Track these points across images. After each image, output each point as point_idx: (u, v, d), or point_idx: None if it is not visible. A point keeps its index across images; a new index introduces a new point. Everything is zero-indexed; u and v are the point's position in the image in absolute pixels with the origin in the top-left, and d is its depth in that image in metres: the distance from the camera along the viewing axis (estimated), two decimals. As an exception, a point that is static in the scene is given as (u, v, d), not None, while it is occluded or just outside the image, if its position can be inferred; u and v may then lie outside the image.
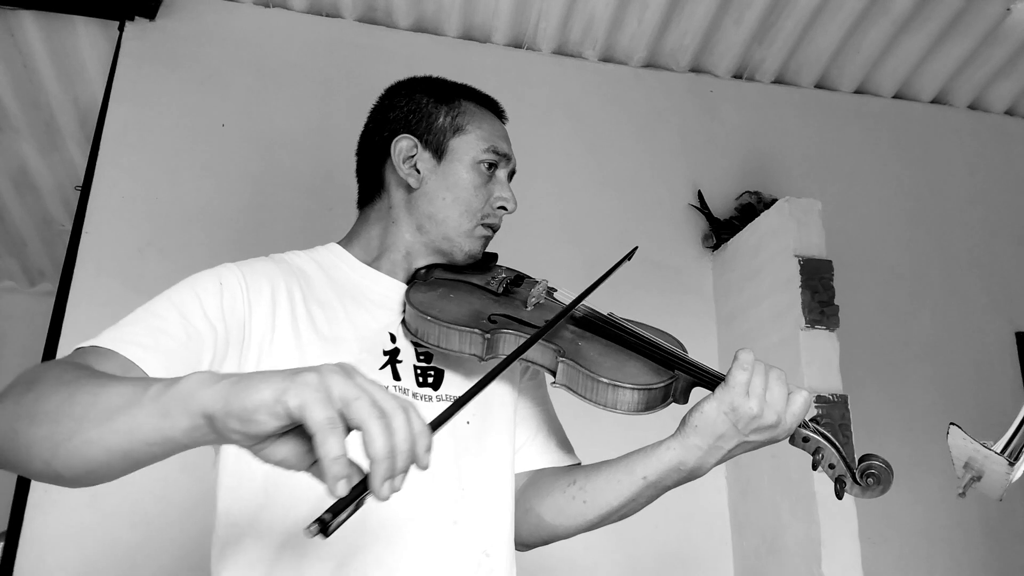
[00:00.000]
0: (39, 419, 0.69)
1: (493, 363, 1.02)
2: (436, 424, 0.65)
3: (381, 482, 0.58)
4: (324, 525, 0.57)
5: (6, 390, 0.75)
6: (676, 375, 0.96)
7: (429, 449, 0.61)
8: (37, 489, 1.96)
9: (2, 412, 0.72)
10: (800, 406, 0.92)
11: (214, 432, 0.62)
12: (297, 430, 0.61)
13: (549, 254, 2.40)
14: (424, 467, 0.60)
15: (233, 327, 0.94)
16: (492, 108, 1.16)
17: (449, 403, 1.01)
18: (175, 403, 0.63)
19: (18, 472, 0.73)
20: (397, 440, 0.59)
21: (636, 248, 1.17)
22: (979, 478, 0.90)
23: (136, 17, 2.40)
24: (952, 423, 0.93)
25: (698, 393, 0.98)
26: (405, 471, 0.59)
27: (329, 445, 0.57)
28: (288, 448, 0.62)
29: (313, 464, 0.62)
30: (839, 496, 0.93)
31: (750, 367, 0.91)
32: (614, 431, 1.45)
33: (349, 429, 0.59)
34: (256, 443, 0.62)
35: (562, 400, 1.08)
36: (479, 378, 1.05)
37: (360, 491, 0.58)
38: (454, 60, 2.56)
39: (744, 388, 0.90)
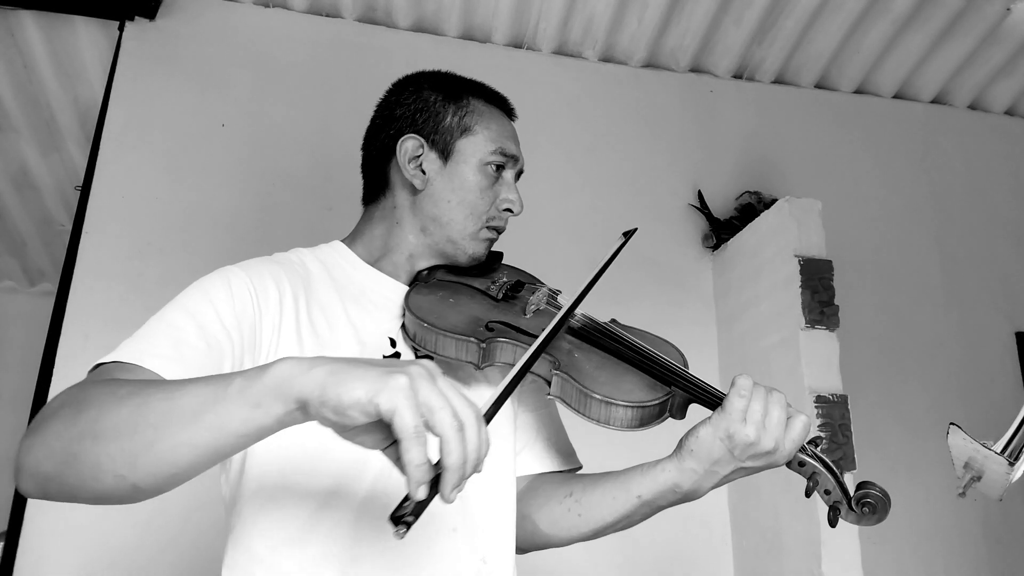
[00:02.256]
0: (107, 435, 0.68)
1: (490, 371, 1.01)
2: (489, 417, 0.70)
3: (451, 489, 0.62)
4: (410, 527, 0.62)
5: (46, 416, 0.73)
6: (672, 391, 0.93)
7: (487, 455, 0.65)
8: (37, 489, 1.95)
9: (55, 437, 0.71)
10: (799, 432, 0.89)
11: (306, 416, 0.65)
12: (377, 423, 0.64)
13: (549, 254, 2.39)
14: (481, 472, 0.65)
15: (247, 332, 0.93)
16: (501, 106, 1.13)
17: None
18: (267, 392, 0.65)
19: (75, 496, 0.72)
20: (469, 451, 0.62)
21: (636, 229, 1.13)
22: (979, 478, 0.90)
23: (136, 17, 2.40)
24: (952, 423, 0.93)
25: (696, 408, 0.95)
26: (470, 476, 0.63)
27: (414, 453, 0.60)
28: (370, 436, 0.66)
29: (388, 447, 0.66)
30: (832, 524, 0.90)
31: (748, 394, 0.88)
32: (618, 435, 1.44)
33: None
34: (341, 429, 0.65)
35: (559, 406, 1.07)
36: (477, 385, 1.06)
37: (433, 495, 0.63)
38: (454, 60, 2.54)
39: (741, 415, 0.88)
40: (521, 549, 1.11)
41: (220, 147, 2.37)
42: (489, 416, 0.70)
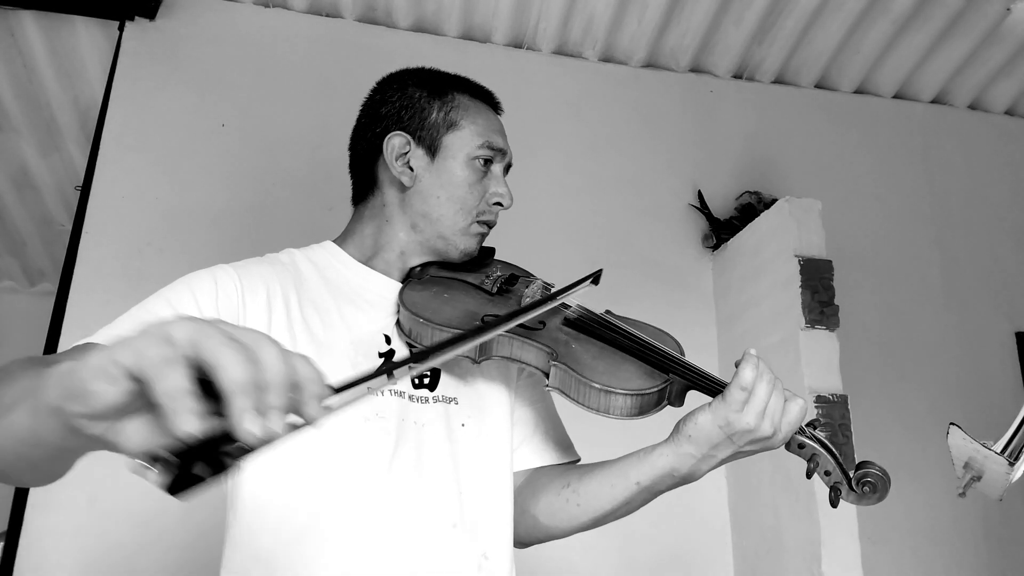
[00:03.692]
0: None
1: (486, 364, 1.01)
2: (351, 384, 0.54)
3: (241, 414, 0.45)
4: (169, 467, 0.44)
5: None
6: (671, 379, 0.94)
7: (320, 399, 0.49)
8: (37, 489, 1.96)
9: None
10: (796, 415, 0.90)
11: (71, 431, 0.50)
12: (144, 411, 0.49)
13: (549, 254, 2.40)
14: (312, 419, 0.48)
15: None
16: (487, 100, 1.13)
17: (445, 403, 1.01)
18: (40, 405, 0.53)
19: None
20: (266, 372, 0.46)
21: (601, 271, 1.10)
22: (979, 478, 0.90)
23: (136, 17, 2.40)
24: (952, 423, 0.93)
25: (694, 394, 0.96)
26: (281, 410, 0.47)
27: (164, 382, 0.45)
28: (136, 425, 0.49)
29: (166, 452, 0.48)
30: (834, 504, 0.92)
31: (750, 387, 0.88)
32: (615, 426, 1.44)
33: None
34: (106, 427, 0.49)
35: (559, 397, 1.07)
36: (474, 379, 1.06)
37: (223, 444, 0.45)
38: (454, 60, 2.54)
39: (741, 405, 0.88)
40: (521, 543, 1.11)
41: (220, 147, 2.37)
42: (347, 386, 0.54)
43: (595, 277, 1.04)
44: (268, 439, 0.45)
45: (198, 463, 0.44)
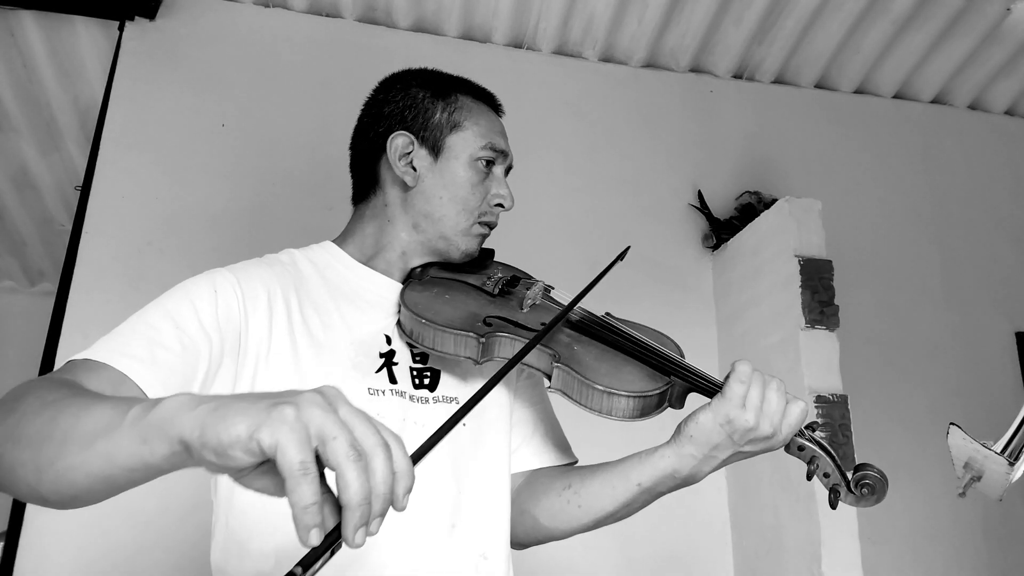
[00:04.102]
0: (23, 442, 0.67)
1: (488, 365, 1.02)
2: (420, 454, 0.61)
3: (354, 530, 0.53)
4: None
5: None
6: (672, 381, 0.95)
7: (409, 491, 0.56)
8: (37, 489, 1.96)
9: None
10: (796, 417, 0.91)
11: (192, 459, 0.58)
12: (272, 467, 0.56)
13: (549, 254, 2.40)
14: (401, 510, 0.56)
15: (229, 336, 0.92)
16: (489, 102, 1.14)
17: (446, 403, 1.01)
18: (153, 429, 0.59)
19: (8, 493, 0.71)
20: (375, 483, 0.54)
21: (628, 248, 1.15)
22: (979, 478, 0.90)
23: (136, 17, 2.40)
24: (952, 423, 0.93)
25: (694, 397, 0.97)
26: (382, 515, 0.55)
27: (299, 493, 0.52)
28: (266, 480, 0.57)
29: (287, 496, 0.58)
30: (833, 506, 0.93)
31: (747, 380, 0.90)
32: (614, 429, 1.44)
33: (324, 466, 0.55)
34: (233, 474, 0.58)
35: (560, 398, 1.08)
36: (474, 380, 1.06)
37: (334, 538, 0.53)
38: (454, 60, 2.55)
39: (740, 401, 0.89)
40: (521, 544, 1.11)
41: (220, 147, 2.37)
42: (421, 452, 0.61)
43: (622, 255, 1.06)
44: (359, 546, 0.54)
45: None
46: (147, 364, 0.83)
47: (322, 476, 0.54)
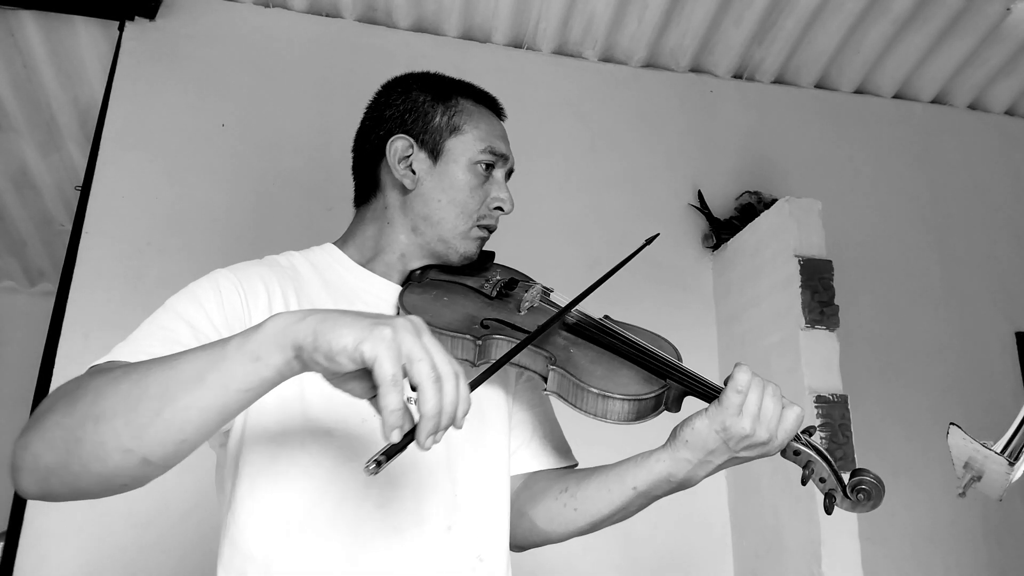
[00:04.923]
0: (109, 413, 0.70)
1: (485, 368, 1.02)
2: (476, 383, 0.75)
3: (426, 436, 0.65)
4: (380, 465, 0.65)
5: (41, 413, 0.74)
6: (668, 384, 0.95)
7: (466, 414, 0.68)
8: (37, 489, 1.96)
9: (54, 427, 0.72)
10: (792, 423, 0.91)
11: (301, 364, 0.69)
12: (364, 372, 0.68)
13: (549, 254, 2.40)
14: (459, 427, 0.68)
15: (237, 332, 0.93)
16: (490, 106, 1.14)
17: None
18: (266, 344, 0.69)
19: (79, 485, 0.72)
20: (446, 402, 0.66)
21: (658, 235, 1.14)
22: (979, 478, 0.90)
23: (136, 17, 2.40)
24: (952, 423, 0.93)
25: (691, 400, 0.97)
26: (446, 429, 0.67)
27: (389, 399, 0.64)
28: (358, 384, 0.69)
29: (373, 397, 0.69)
30: (828, 511, 0.92)
31: (745, 389, 0.89)
32: (614, 431, 1.45)
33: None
34: (333, 376, 0.69)
35: (556, 401, 1.08)
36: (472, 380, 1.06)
37: (409, 440, 0.66)
38: (454, 60, 2.56)
39: (737, 409, 0.89)
40: (518, 547, 1.11)
41: (220, 147, 2.37)
42: (477, 382, 0.75)
43: (651, 240, 1.08)
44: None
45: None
46: None
47: None
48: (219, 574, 0.93)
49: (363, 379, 0.68)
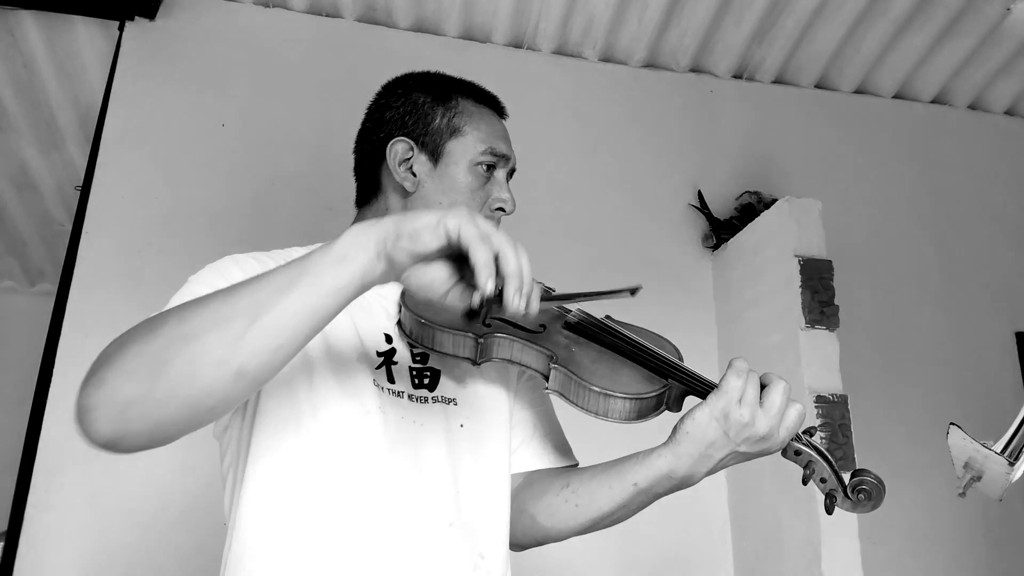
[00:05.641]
0: (198, 332, 0.71)
1: (487, 367, 1.02)
2: (553, 298, 0.86)
3: (515, 293, 0.70)
4: (479, 310, 0.70)
5: (112, 352, 0.72)
6: (669, 383, 0.95)
7: (531, 293, 0.72)
8: (37, 489, 1.96)
9: (135, 357, 0.71)
10: (794, 419, 0.91)
11: (386, 260, 0.72)
12: (443, 260, 0.73)
13: (549, 254, 2.40)
14: (534, 312, 0.72)
15: None
16: (491, 105, 1.13)
17: (444, 404, 1.02)
18: (348, 246, 0.72)
19: (162, 415, 0.71)
20: (523, 263, 0.71)
21: (640, 287, 1.11)
22: (979, 478, 0.90)
23: (136, 17, 2.40)
24: (952, 423, 0.93)
25: (692, 402, 0.97)
26: (528, 294, 0.71)
27: (480, 251, 0.69)
28: (436, 271, 0.73)
29: (448, 291, 0.74)
30: (829, 511, 0.92)
31: (744, 374, 0.90)
32: (614, 429, 1.44)
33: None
34: (415, 263, 0.72)
35: (558, 400, 1.08)
36: (473, 381, 1.06)
37: (497, 301, 0.70)
38: (454, 60, 2.55)
39: (737, 395, 0.89)
40: (519, 544, 1.12)
41: (220, 147, 2.37)
42: (555, 298, 0.88)
43: (633, 291, 1.05)
44: (522, 314, 0.71)
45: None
46: None
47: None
48: (222, 572, 0.93)
49: (440, 267, 0.73)
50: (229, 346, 0.70)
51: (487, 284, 0.68)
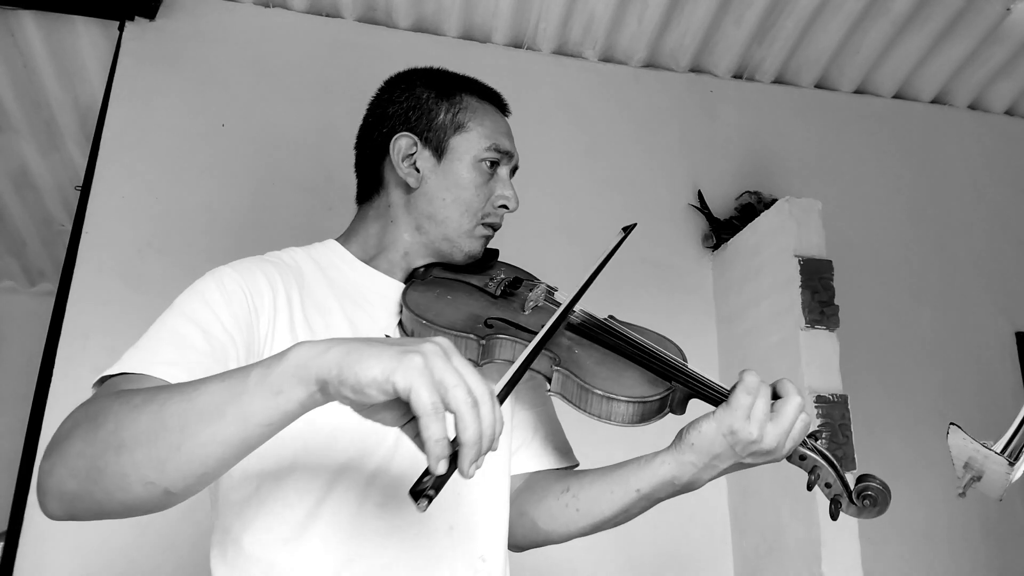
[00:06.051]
0: (130, 444, 0.69)
1: (489, 368, 1.01)
2: (503, 396, 0.73)
3: (469, 464, 0.63)
4: (430, 500, 0.63)
5: (62, 437, 0.73)
6: (673, 387, 0.94)
7: (500, 434, 0.66)
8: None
9: (76, 456, 0.71)
10: (800, 429, 0.89)
11: (326, 397, 0.66)
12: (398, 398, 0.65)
13: (549, 254, 2.39)
14: (495, 450, 0.66)
15: (245, 331, 0.92)
16: (495, 102, 1.13)
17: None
18: (287, 377, 0.65)
19: (103, 510, 0.72)
20: (485, 427, 0.63)
21: (636, 224, 1.13)
22: (979, 478, 0.90)
23: (136, 17, 2.40)
24: (952, 423, 0.92)
25: (696, 403, 0.96)
26: (486, 453, 0.64)
27: (433, 429, 0.61)
28: (389, 413, 0.67)
29: (406, 424, 0.68)
30: (834, 517, 0.91)
31: (754, 392, 0.88)
32: (618, 432, 1.44)
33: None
34: (361, 409, 0.67)
35: (560, 402, 1.07)
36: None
37: (452, 470, 0.63)
38: (454, 60, 2.53)
39: (746, 412, 0.87)
40: (519, 547, 1.11)
41: (220, 147, 2.37)
42: (502, 396, 0.71)
43: (628, 230, 1.06)
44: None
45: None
46: (182, 367, 0.83)
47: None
48: (214, 574, 0.93)
49: (393, 408, 0.66)
50: (155, 469, 0.69)
51: (437, 466, 0.62)
